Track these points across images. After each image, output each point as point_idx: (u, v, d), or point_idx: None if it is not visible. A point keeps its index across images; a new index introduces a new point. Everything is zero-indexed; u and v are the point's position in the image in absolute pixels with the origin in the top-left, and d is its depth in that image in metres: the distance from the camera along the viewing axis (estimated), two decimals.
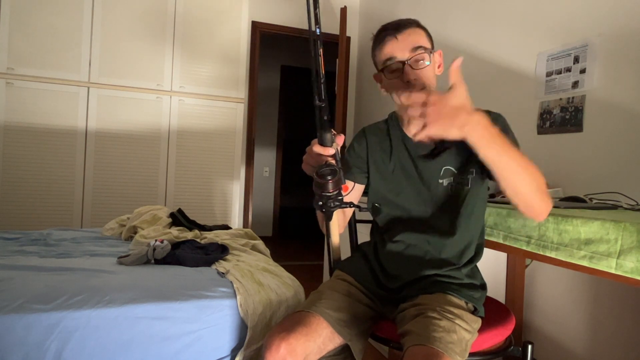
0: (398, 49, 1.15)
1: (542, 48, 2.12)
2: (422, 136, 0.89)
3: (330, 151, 1.01)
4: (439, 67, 1.23)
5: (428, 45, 1.18)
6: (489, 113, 1.20)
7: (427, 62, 1.16)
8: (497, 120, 1.18)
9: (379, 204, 1.29)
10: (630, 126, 1.72)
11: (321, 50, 0.96)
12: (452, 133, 0.89)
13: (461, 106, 0.89)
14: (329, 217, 1.09)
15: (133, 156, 3.32)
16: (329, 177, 0.98)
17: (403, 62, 1.15)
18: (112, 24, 3.24)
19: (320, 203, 1.01)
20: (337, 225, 1.24)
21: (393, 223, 1.27)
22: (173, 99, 3.42)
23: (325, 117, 0.99)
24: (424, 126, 0.88)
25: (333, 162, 1.01)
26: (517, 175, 0.94)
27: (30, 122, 3.06)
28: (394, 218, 1.27)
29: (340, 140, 1.04)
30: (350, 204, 1.07)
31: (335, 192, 1.00)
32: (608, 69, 1.81)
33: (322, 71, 0.96)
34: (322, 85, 0.97)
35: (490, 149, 0.92)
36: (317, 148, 1.02)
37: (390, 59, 1.17)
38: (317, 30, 0.95)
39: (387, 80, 1.20)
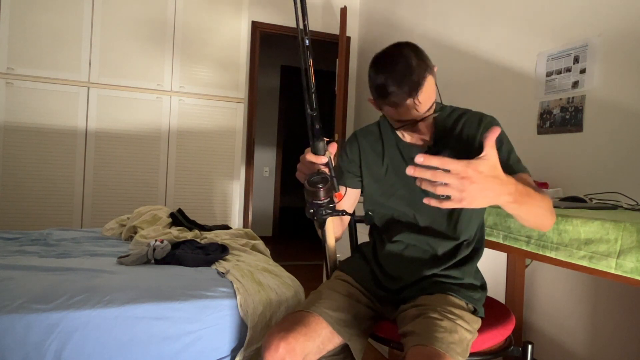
0: (415, 112, 1.08)
1: (542, 48, 2.12)
2: (445, 205, 0.80)
3: (323, 159, 1.02)
4: None
5: (434, 87, 1.10)
6: (483, 116, 1.19)
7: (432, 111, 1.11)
8: (490, 124, 1.17)
9: (372, 211, 1.29)
10: (630, 126, 1.72)
11: (311, 60, 0.96)
12: (486, 205, 0.83)
13: (494, 174, 0.81)
14: (320, 225, 1.08)
15: (133, 156, 3.32)
16: (320, 185, 0.98)
17: (416, 120, 1.10)
18: (112, 24, 3.24)
19: (312, 211, 1.01)
20: (332, 232, 1.24)
21: (391, 224, 1.27)
22: (173, 99, 3.42)
23: (317, 126, 1.00)
24: (459, 201, 0.79)
25: (326, 170, 1.01)
26: (534, 217, 0.97)
27: (30, 122, 3.06)
28: (390, 219, 1.27)
29: (333, 148, 1.04)
30: (343, 212, 1.07)
31: (326, 200, 1.00)
32: (608, 69, 1.81)
33: (313, 81, 0.96)
34: (312, 95, 0.97)
35: (517, 208, 0.90)
36: (309, 156, 1.02)
37: (404, 120, 1.11)
38: (307, 42, 0.95)
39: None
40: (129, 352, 1.31)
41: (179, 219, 2.38)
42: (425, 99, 1.07)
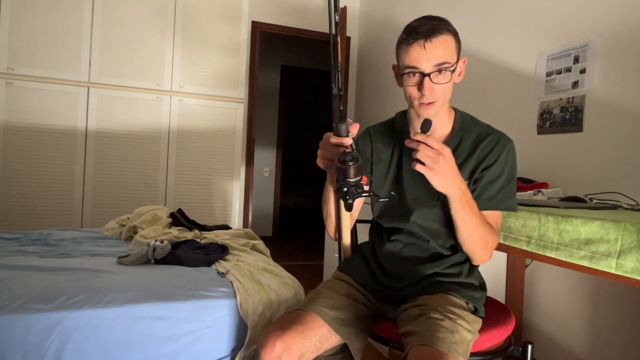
0: (424, 59, 1.08)
1: (542, 48, 2.12)
2: (419, 169, 1.01)
3: (348, 140, 1.03)
4: (459, 74, 1.17)
5: (454, 57, 1.11)
6: (500, 139, 1.17)
7: (446, 80, 1.10)
8: (504, 148, 1.15)
9: (395, 192, 1.26)
10: (630, 126, 1.72)
11: (339, 38, 0.97)
12: (441, 187, 1.04)
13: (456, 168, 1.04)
14: (349, 207, 1.08)
15: (133, 156, 3.32)
16: (351, 163, 1.00)
17: (424, 74, 1.09)
18: (112, 24, 3.24)
19: (345, 190, 1.02)
20: (349, 223, 1.25)
21: (391, 221, 1.27)
22: (173, 99, 3.42)
23: (341, 107, 1.00)
24: (429, 169, 1.00)
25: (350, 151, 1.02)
26: (470, 231, 1.11)
27: (30, 122, 3.06)
28: (392, 217, 1.27)
29: (354, 129, 1.04)
30: (371, 193, 1.08)
31: (357, 179, 1.02)
32: (608, 69, 1.81)
33: (340, 60, 0.97)
34: (339, 74, 0.97)
35: (460, 209, 1.07)
36: (334, 139, 1.03)
37: (413, 67, 1.09)
38: (337, 17, 0.96)
39: (404, 82, 1.14)
40: (129, 352, 1.31)
41: (179, 219, 2.38)
42: (440, 54, 1.09)
